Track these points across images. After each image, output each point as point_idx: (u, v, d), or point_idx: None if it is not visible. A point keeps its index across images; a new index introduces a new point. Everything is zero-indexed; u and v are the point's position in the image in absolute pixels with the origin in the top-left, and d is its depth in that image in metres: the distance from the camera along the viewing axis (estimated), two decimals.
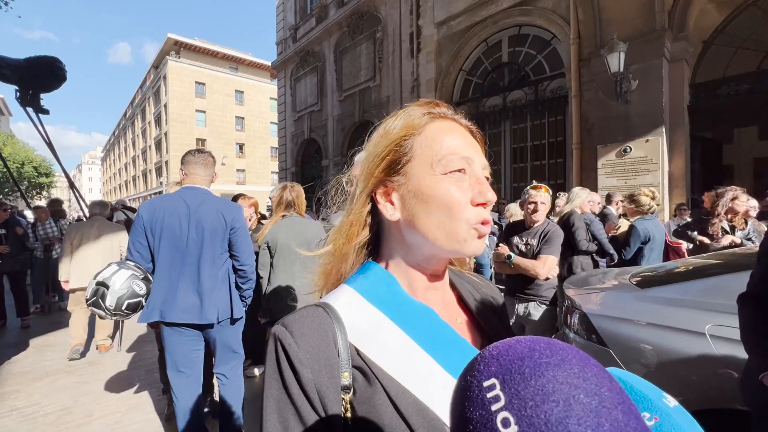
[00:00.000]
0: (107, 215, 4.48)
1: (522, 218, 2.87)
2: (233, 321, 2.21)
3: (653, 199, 3.34)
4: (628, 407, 0.24)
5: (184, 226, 2.08)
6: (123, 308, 1.92)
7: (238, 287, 2.26)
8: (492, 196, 0.51)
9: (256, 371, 3.46)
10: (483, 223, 0.51)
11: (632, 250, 3.30)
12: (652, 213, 3.37)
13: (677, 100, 5.65)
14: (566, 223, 3.36)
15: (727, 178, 8.04)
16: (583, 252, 3.38)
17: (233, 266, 2.23)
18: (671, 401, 0.32)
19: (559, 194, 4.34)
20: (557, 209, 4.05)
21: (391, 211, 0.54)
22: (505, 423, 0.23)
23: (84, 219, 5.61)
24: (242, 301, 2.29)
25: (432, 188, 0.51)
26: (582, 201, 3.63)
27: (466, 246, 0.50)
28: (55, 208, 6.55)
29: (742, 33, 6.06)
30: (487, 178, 0.54)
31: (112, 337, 4.37)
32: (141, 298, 1.99)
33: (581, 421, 0.22)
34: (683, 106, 5.69)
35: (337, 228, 0.59)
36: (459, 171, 0.51)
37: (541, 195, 2.61)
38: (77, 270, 3.92)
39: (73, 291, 3.99)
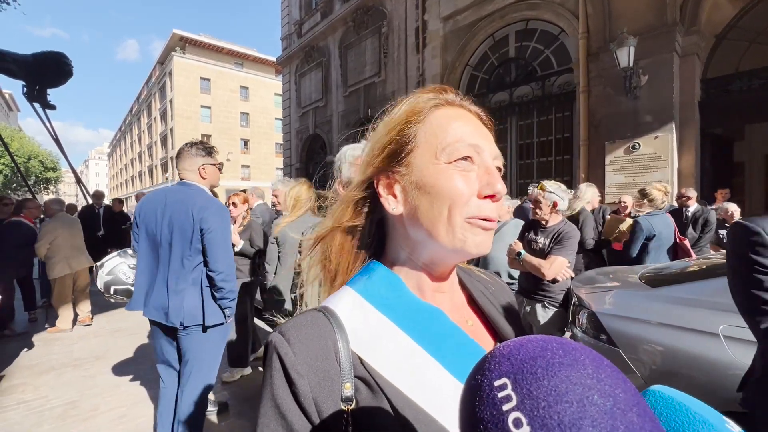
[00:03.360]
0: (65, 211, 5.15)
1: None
2: (204, 328, 2.00)
3: (666, 194, 3.29)
4: (643, 409, 0.23)
5: (159, 221, 1.98)
6: (111, 292, 2.02)
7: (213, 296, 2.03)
8: (502, 188, 0.47)
9: (236, 374, 3.28)
10: (486, 219, 0.47)
11: (636, 246, 3.26)
12: (661, 208, 3.32)
13: (688, 95, 5.54)
14: (575, 220, 3.34)
15: (737, 175, 7.91)
16: (590, 250, 3.35)
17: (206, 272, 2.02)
18: (735, 427, 0.30)
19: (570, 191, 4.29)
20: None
21: (393, 205, 0.50)
22: (517, 423, 0.22)
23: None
24: (221, 309, 2.05)
25: (434, 178, 0.47)
26: (590, 198, 3.61)
27: (467, 244, 0.46)
28: (98, 201, 7.23)
29: (756, 27, 5.93)
30: (499, 169, 0.50)
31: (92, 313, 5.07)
32: (128, 286, 2.03)
33: (596, 422, 0.21)
34: (694, 102, 5.59)
35: (329, 213, 0.58)
36: (465, 159, 0.47)
37: (535, 193, 2.57)
38: (62, 263, 4.57)
39: (54, 279, 4.62)
